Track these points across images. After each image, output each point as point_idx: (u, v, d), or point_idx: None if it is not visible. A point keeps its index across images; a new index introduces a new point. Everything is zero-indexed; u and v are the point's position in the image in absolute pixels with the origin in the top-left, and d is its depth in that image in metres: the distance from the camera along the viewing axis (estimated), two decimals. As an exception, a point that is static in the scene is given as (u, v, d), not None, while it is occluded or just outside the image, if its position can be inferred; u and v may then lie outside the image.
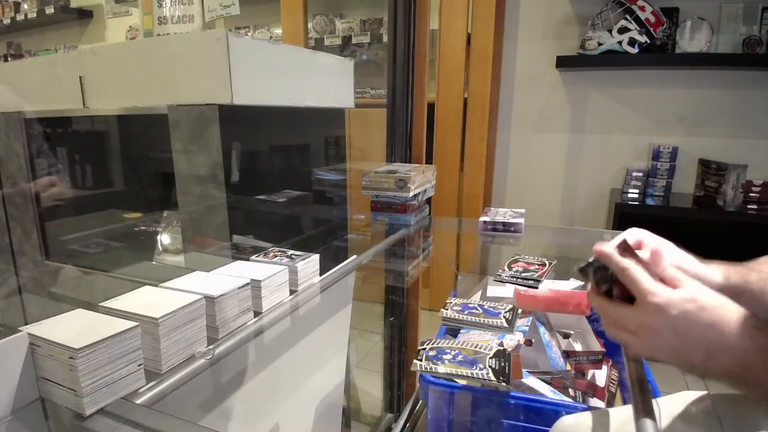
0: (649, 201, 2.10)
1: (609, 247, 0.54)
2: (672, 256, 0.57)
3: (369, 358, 2.01)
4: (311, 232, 1.38)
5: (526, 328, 1.00)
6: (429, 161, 1.74)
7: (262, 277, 0.76)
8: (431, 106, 2.38)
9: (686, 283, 0.49)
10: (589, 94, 2.30)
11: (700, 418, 0.58)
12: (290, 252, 0.90)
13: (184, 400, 0.62)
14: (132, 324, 0.56)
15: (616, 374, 1.03)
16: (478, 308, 1.01)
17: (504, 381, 0.75)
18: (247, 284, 0.73)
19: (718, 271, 0.58)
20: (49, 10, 3.49)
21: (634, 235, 0.61)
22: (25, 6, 3.63)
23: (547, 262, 1.11)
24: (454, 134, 2.48)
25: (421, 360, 0.82)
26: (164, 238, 1.20)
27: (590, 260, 0.56)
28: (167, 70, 0.94)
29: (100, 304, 0.62)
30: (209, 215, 1.01)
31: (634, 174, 2.17)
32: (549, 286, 1.07)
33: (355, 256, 1.09)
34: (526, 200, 2.52)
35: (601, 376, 1.01)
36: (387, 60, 1.57)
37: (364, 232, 1.43)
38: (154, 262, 1.18)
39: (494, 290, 1.16)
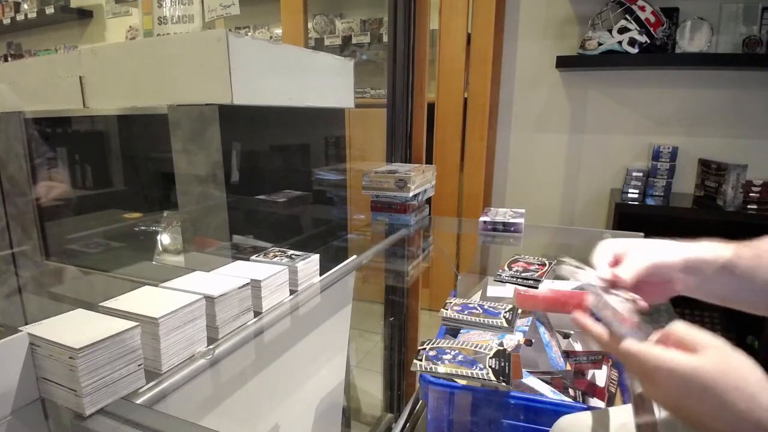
0: (649, 201, 2.10)
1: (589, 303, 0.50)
2: (652, 255, 0.55)
3: (369, 358, 2.01)
4: (311, 232, 1.38)
5: (526, 328, 1.00)
6: (429, 161, 1.74)
7: (262, 277, 0.76)
8: (431, 106, 2.38)
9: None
10: (589, 94, 2.30)
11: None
12: (290, 252, 0.90)
13: (184, 400, 0.62)
14: (132, 324, 0.56)
15: (616, 374, 1.03)
16: (478, 308, 1.01)
17: (504, 381, 0.75)
18: (247, 284, 0.73)
19: (708, 248, 0.56)
20: (49, 10, 3.49)
21: (608, 250, 0.57)
22: (25, 6, 3.63)
23: (547, 262, 1.10)
24: (454, 134, 2.48)
25: (421, 360, 0.82)
26: (164, 238, 1.20)
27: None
28: (167, 70, 0.94)
29: (100, 304, 0.62)
30: (209, 215, 1.01)
31: (634, 174, 2.17)
32: (549, 286, 1.07)
33: (355, 256, 1.09)
34: (526, 200, 2.52)
35: (601, 376, 1.00)
36: (387, 60, 1.57)
37: (364, 232, 1.43)
38: (154, 262, 1.18)
39: (494, 290, 1.16)
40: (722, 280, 0.55)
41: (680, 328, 0.44)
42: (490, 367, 0.78)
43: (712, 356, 0.41)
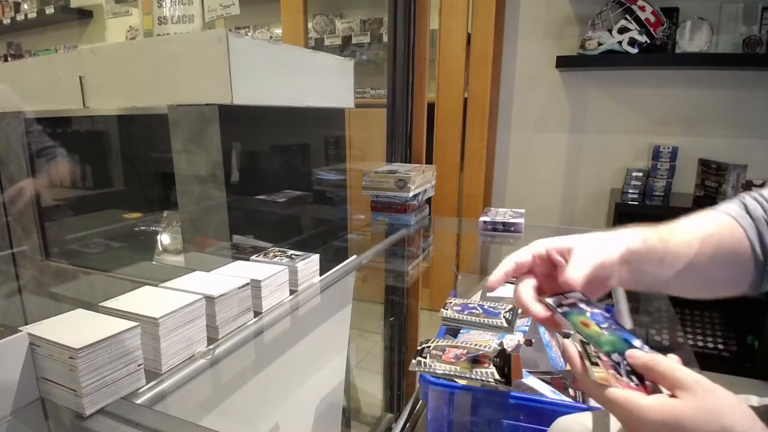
0: (649, 201, 2.10)
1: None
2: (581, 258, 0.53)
3: (369, 358, 2.01)
4: (311, 232, 1.38)
5: (526, 328, 0.99)
6: (429, 161, 1.74)
7: (262, 277, 0.76)
8: (431, 106, 2.38)
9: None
10: (589, 94, 2.30)
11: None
12: (290, 252, 0.90)
13: (184, 400, 0.62)
14: (132, 324, 0.56)
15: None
16: (478, 308, 1.01)
17: (504, 381, 0.75)
18: (247, 284, 0.73)
19: (633, 235, 0.55)
20: (49, 10, 3.49)
21: (537, 249, 0.56)
22: (25, 6, 3.63)
23: (547, 262, 1.10)
24: (454, 134, 2.48)
25: (420, 360, 0.82)
26: (164, 238, 1.20)
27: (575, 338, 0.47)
28: (167, 70, 0.94)
29: (100, 304, 0.62)
30: (209, 215, 1.01)
31: (634, 174, 2.17)
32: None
33: (355, 256, 1.09)
34: (526, 200, 2.52)
35: (601, 376, 1.00)
36: (387, 60, 1.57)
37: (364, 232, 1.43)
38: (154, 262, 1.18)
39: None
40: (647, 271, 0.54)
41: (663, 363, 0.43)
42: (491, 366, 0.78)
43: (695, 397, 0.39)
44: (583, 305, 0.51)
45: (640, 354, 0.45)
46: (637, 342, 0.47)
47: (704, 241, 0.54)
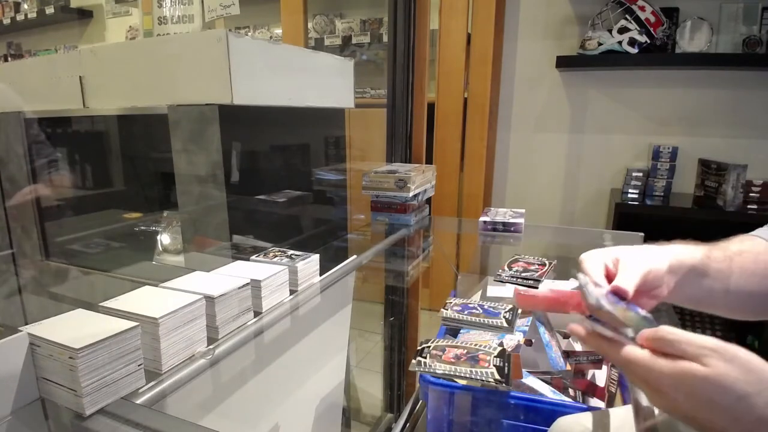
0: (649, 201, 2.10)
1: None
2: (631, 267, 0.52)
3: (369, 358, 2.01)
4: (311, 232, 1.38)
5: (526, 328, 0.99)
6: (429, 161, 1.74)
7: (262, 277, 0.76)
8: (431, 106, 2.38)
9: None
10: (589, 94, 2.30)
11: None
12: (290, 252, 0.90)
13: (184, 400, 0.62)
14: (132, 324, 0.56)
15: (616, 374, 1.03)
16: (478, 308, 1.01)
17: (504, 381, 0.75)
18: (247, 284, 0.73)
19: (682, 249, 0.56)
20: (49, 10, 3.49)
21: (598, 261, 0.55)
22: (25, 6, 3.63)
23: (547, 262, 1.10)
24: (454, 134, 2.48)
25: (420, 360, 0.82)
26: (164, 238, 1.20)
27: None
28: (167, 70, 0.94)
29: (100, 304, 0.62)
30: (209, 215, 1.01)
31: (634, 174, 2.17)
32: (549, 286, 1.07)
33: (355, 256, 1.09)
34: (526, 200, 2.52)
35: (601, 376, 1.00)
36: (387, 60, 1.57)
37: (364, 232, 1.43)
38: (154, 262, 1.18)
39: (494, 290, 1.15)
40: (695, 283, 0.55)
41: (685, 338, 0.41)
42: (491, 366, 0.78)
43: (721, 358, 0.38)
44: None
45: (670, 329, 0.44)
46: (652, 318, 0.47)
47: (742, 255, 0.56)
